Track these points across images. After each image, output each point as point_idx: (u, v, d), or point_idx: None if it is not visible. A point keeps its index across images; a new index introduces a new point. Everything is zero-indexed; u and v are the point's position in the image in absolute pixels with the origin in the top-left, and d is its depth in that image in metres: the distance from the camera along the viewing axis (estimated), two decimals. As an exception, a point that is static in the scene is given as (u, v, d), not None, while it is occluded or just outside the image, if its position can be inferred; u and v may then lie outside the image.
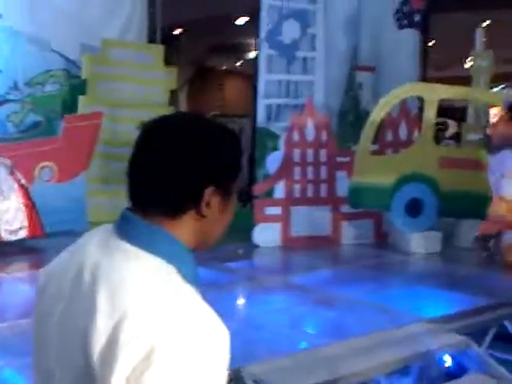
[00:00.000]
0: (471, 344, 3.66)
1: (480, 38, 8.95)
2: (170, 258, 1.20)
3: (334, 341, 3.57)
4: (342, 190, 6.56)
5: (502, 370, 3.60)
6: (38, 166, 6.43)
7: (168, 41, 10.07)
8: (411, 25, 8.02)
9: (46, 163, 6.51)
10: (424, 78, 8.81)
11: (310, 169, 6.69)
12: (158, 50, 8.29)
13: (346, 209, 6.58)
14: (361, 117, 7.15)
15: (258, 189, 6.65)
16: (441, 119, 10.64)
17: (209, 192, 1.23)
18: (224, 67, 20.52)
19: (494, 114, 6.71)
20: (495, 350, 4.79)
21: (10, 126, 7.37)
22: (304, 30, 7.41)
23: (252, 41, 12.16)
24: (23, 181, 5.93)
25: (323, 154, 6.74)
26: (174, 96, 8.89)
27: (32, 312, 1.33)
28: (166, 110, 8.29)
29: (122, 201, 5.66)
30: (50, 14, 7.64)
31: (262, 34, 7.13)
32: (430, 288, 4.95)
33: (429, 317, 3.98)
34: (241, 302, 4.62)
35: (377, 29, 8.04)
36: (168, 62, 8.50)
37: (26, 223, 5.77)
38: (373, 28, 8.01)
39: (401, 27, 7.99)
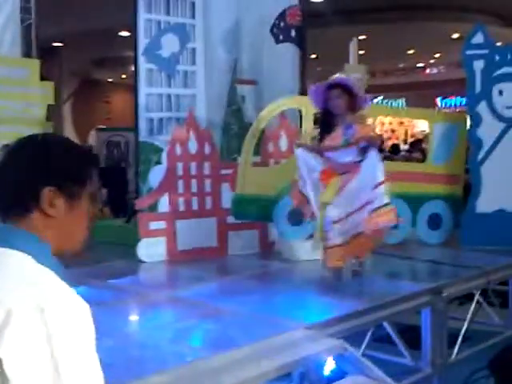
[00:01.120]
0: (348, 347, 3.80)
1: (354, 51, 9.36)
2: (27, 250, 1.35)
3: (218, 353, 3.60)
4: (227, 201, 6.64)
5: (378, 371, 3.76)
6: None
7: (48, 54, 9.77)
8: (288, 39, 8.24)
9: None
10: (304, 91, 9.10)
11: (193, 181, 6.73)
12: (34, 64, 8.03)
13: (231, 220, 6.66)
14: (246, 129, 7.26)
15: (141, 203, 6.58)
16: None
17: (47, 192, 1.38)
18: (110, 80, 20.20)
19: None
20: (377, 351, 5.02)
21: None
22: (183, 44, 7.44)
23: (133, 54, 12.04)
24: None
25: (207, 166, 6.79)
26: (55, 111, 8.65)
27: None
28: (44, 126, 8.05)
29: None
30: None
31: (140, 48, 7.08)
32: (313, 294, 5.10)
33: (309, 323, 4.10)
34: (124, 318, 4.55)
35: (257, 43, 8.20)
36: (48, 75, 8.25)
37: None
38: (252, 42, 8.16)
39: (278, 42, 8.20)
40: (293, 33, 8.37)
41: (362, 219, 4.93)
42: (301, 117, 6.96)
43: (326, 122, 5.17)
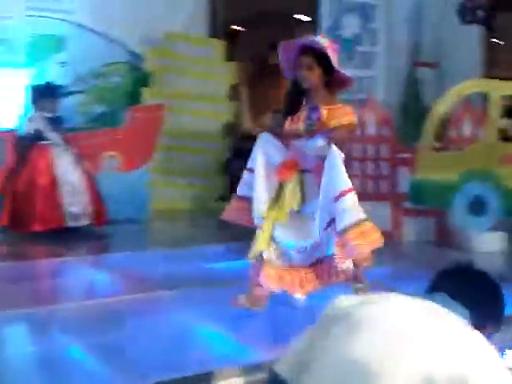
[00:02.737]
0: None
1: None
2: None
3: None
4: (403, 186, 6.47)
5: None
6: (103, 155, 6.61)
7: (229, 36, 10.14)
8: (474, 20, 7.86)
9: (111, 153, 6.67)
10: (489, 76, 8.63)
11: (369, 164, 6.63)
12: (220, 44, 8.37)
13: (406, 205, 6.49)
14: (422, 113, 7.04)
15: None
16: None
17: None
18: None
19: None
20: None
21: (78, 116, 7.60)
22: (364, 25, 7.37)
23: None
24: (88, 169, 6.08)
25: (384, 149, 6.67)
26: (234, 91, 8.97)
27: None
28: (226, 104, 8.39)
29: (182, 191, 5.84)
30: (115, 8, 7.82)
31: (322, 29, 7.12)
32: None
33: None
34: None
35: (440, 23, 7.91)
36: (229, 57, 8.58)
37: (89, 209, 5.91)
38: (435, 22, 7.89)
39: (463, 22, 7.84)
40: (480, 13, 7.96)
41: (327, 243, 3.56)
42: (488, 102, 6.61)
43: (293, 97, 3.73)
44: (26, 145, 5.88)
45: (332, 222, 3.46)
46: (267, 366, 2.87)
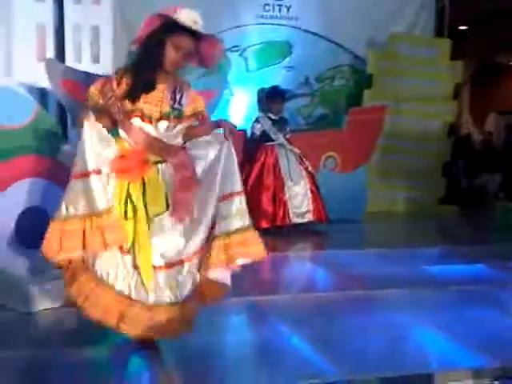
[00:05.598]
0: None
1: None
2: None
3: None
4: None
5: None
6: (324, 156, 6.83)
7: (454, 36, 9.86)
8: None
9: (331, 153, 6.88)
10: None
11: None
12: (445, 44, 8.16)
13: None
14: None
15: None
16: None
17: None
18: (511, 63, 19.34)
19: None
20: None
21: (300, 118, 7.95)
22: None
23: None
24: (310, 168, 6.31)
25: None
26: (457, 90, 8.69)
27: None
28: (449, 104, 8.16)
29: (400, 193, 5.84)
30: (340, 12, 8.01)
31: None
32: None
33: None
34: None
35: None
36: (453, 56, 8.34)
37: (311, 207, 6.14)
38: None
39: None
40: None
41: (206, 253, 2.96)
42: None
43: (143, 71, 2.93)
44: (254, 145, 6.26)
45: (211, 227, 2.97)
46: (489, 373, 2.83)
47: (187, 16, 2.86)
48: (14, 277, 3.62)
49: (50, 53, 6.29)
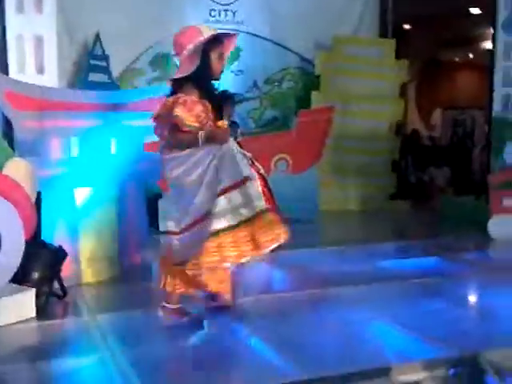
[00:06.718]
0: None
1: None
2: None
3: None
4: None
5: None
6: (275, 158, 6.87)
7: (398, 35, 10.04)
8: None
9: (282, 155, 6.92)
10: None
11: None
12: (389, 44, 8.32)
13: None
14: None
15: (494, 179, 6.37)
16: None
17: None
18: (455, 60, 19.79)
19: None
20: None
21: (250, 121, 7.99)
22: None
23: (486, 31, 11.68)
24: (262, 171, 6.32)
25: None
26: (403, 88, 8.87)
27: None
28: (396, 103, 8.31)
29: (352, 191, 5.91)
30: (286, 16, 8.08)
31: (499, 21, 6.83)
32: None
33: None
34: (475, 291, 4.52)
35: None
36: (398, 55, 8.50)
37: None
38: None
39: None
40: None
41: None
42: None
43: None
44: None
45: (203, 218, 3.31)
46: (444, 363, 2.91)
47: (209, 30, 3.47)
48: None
49: (-7, 64, 6.16)
